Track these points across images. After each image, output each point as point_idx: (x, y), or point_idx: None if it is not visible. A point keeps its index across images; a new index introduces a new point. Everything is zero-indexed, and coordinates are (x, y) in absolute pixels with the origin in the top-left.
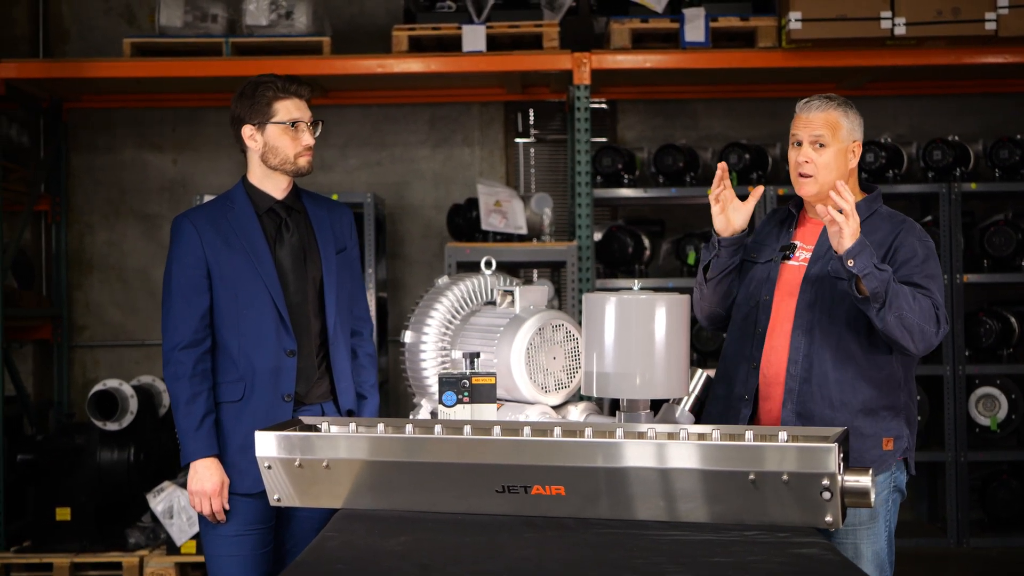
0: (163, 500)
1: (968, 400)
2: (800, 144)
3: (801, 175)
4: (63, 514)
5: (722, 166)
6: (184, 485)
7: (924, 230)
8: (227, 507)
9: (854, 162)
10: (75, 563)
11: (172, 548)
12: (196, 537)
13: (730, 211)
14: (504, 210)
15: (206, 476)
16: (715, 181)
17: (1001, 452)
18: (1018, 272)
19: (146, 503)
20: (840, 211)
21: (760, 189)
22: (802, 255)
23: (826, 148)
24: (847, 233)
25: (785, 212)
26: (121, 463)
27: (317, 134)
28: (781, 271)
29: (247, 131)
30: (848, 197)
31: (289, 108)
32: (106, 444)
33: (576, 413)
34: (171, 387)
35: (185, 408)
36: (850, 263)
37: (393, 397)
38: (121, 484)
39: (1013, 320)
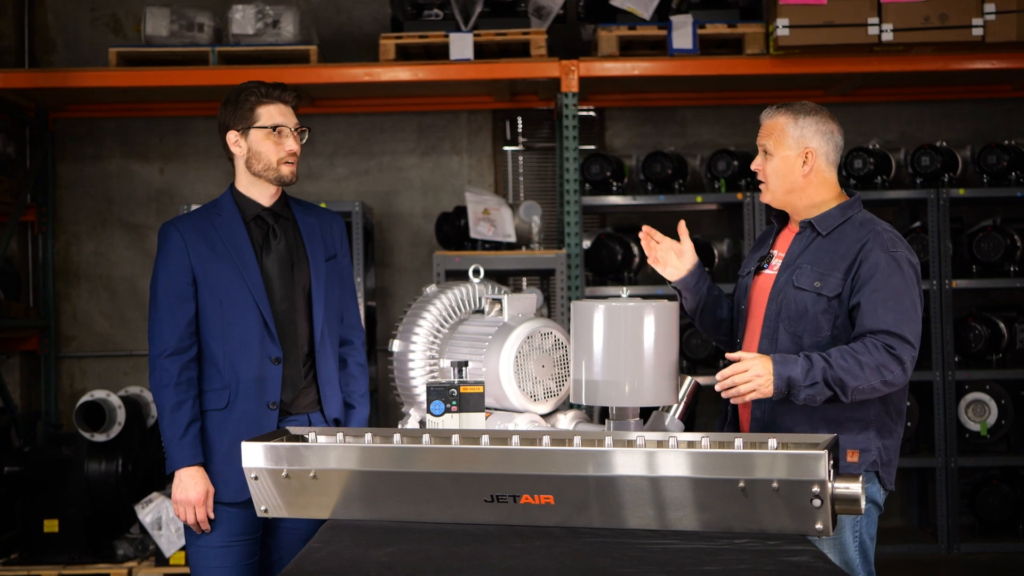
0: (152, 511)
1: (958, 406)
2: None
3: (759, 182)
4: (51, 526)
5: (645, 230)
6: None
7: (896, 238)
8: (212, 516)
9: (807, 170)
10: (63, 575)
11: (161, 559)
12: (185, 548)
13: (672, 258)
14: (492, 218)
15: (190, 485)
16: (644, 246)
17: (991, 457)
18: (1007, 277)
19: (134, 514)
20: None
21: (683, 224)
22: (777, 264)
23: (771, 156)
24: (761, 393)
25: (770, 225)
26: (109, 474)
27: (303, 141)
28: (755, 281)
29: (231, 137)
30: (731, 371)
31: (272, 113)
32: (94, 455)
33: (565, 421)
34: (156, 395)
35: (170, 416)
36: (792, 399)
37: (383, 406)
38: (109, 495)
39: (1002, 325)
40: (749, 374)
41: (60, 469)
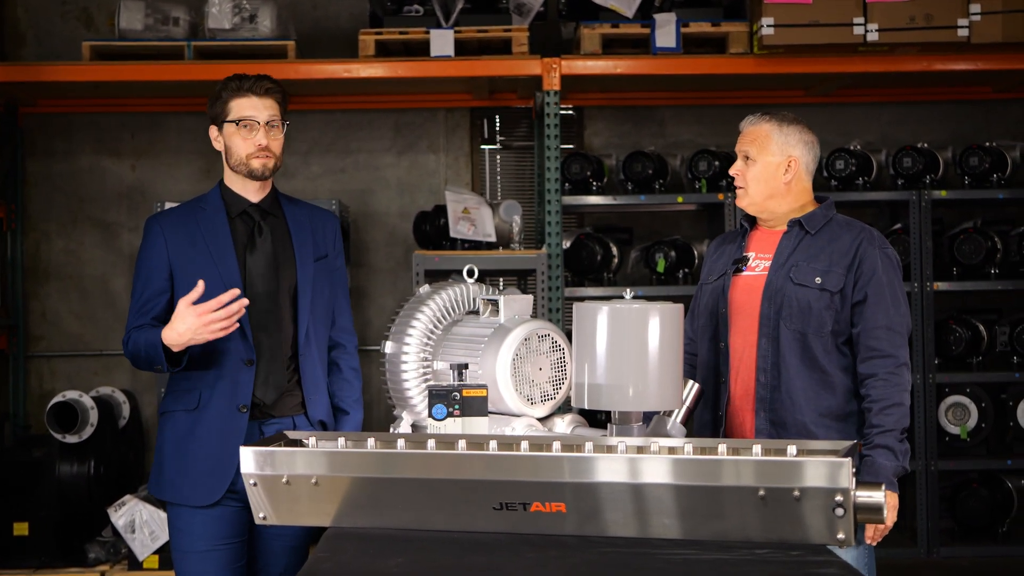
0: (125, 514)
1: (938, 409)
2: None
3: (736, 187)
4: (21, 529)
5: None
6: (145, 499)
7: (882, 236)
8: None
9: (789, 177)
10: None
11: (134, 563)
12: (158, 552)
13: None
14: (472, 217)
15: (183, 326)
16: None
17: (971, 461)
18: (987, 280)
19: (107, 517)
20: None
21: None
22: (760, 264)
23: (754, 162)
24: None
25: (738, 228)
26: (81, 476)
27: (281, 135)
28: (735, 283)
29: (213, 132)
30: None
31: (242, 106)
32: (65, 457)
33: (563, 425)
34: (129, 352)
35: (138, 339)
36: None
37: None
38: (81, 498)
39: (982, 328)
40: (892, 515)
41: (30, 471)
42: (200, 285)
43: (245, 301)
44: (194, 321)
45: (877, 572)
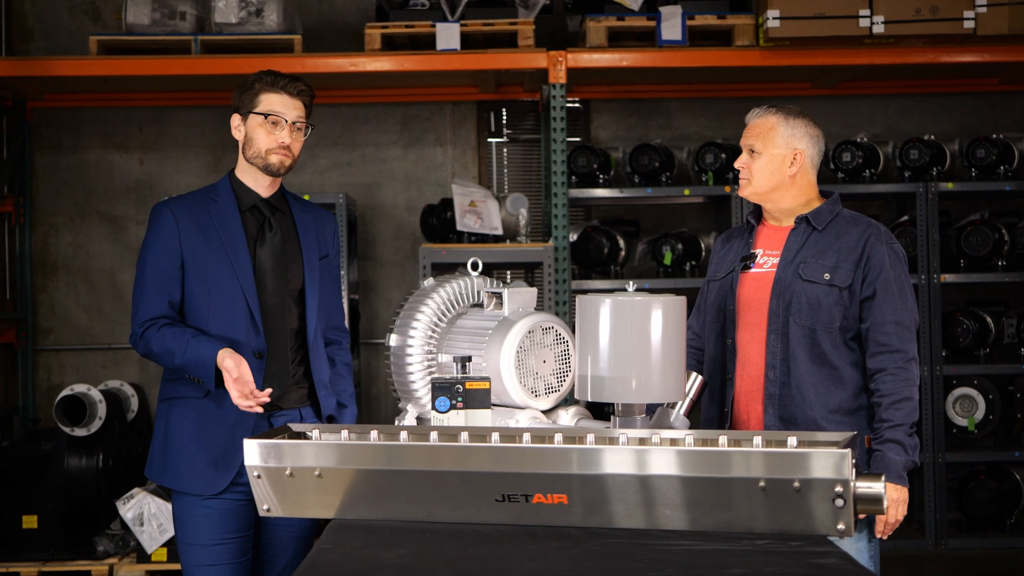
0: (133, 507)
1: (946, 401)
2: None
3: (740, 178)
4: (30, 522)
5: None
6: (154, 492)
7: (888, 231)
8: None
9: (794, 170)
10: (43, 572)
11: (142, 556)
12: (167, 544)
13: None
14: (479, 210)
15: (234, 367)
16: None
17: (978, 453)
18: (994, 272)
19: (115, 510)
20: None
21: None
22: (768, 261)
23: (759, 155)
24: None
25: (744, 225)
26: (90, 470)
27: (303, 137)
28: (743, 280)
29: (235, 120)
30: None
31: (272, 101)
32: (74, 450)
33: (567, 417)
34: (152, 350)
35: (174, 344)
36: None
37: (364, 400)
38: (90, 491)
39: (989, 320)
40: (902, 509)
41: (39, 464)
42: (266, 392)
43: (260, 410)
44: (232, 384)
45: (885, 563)
